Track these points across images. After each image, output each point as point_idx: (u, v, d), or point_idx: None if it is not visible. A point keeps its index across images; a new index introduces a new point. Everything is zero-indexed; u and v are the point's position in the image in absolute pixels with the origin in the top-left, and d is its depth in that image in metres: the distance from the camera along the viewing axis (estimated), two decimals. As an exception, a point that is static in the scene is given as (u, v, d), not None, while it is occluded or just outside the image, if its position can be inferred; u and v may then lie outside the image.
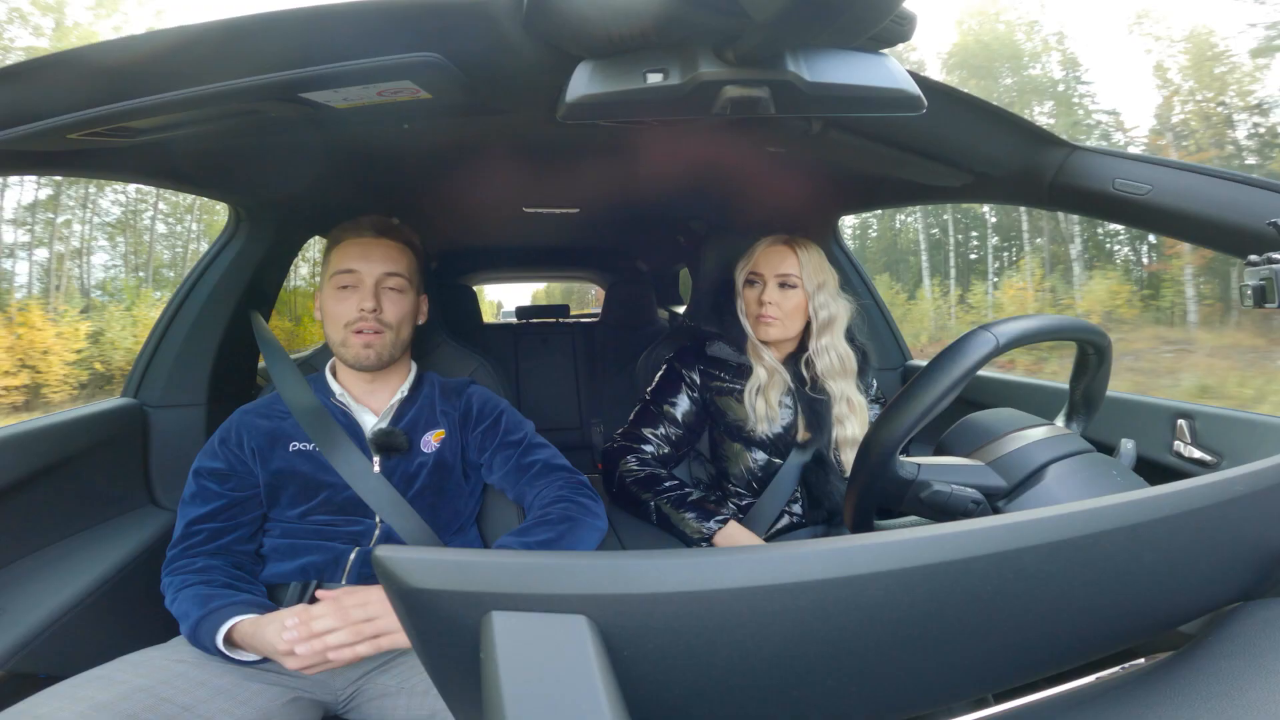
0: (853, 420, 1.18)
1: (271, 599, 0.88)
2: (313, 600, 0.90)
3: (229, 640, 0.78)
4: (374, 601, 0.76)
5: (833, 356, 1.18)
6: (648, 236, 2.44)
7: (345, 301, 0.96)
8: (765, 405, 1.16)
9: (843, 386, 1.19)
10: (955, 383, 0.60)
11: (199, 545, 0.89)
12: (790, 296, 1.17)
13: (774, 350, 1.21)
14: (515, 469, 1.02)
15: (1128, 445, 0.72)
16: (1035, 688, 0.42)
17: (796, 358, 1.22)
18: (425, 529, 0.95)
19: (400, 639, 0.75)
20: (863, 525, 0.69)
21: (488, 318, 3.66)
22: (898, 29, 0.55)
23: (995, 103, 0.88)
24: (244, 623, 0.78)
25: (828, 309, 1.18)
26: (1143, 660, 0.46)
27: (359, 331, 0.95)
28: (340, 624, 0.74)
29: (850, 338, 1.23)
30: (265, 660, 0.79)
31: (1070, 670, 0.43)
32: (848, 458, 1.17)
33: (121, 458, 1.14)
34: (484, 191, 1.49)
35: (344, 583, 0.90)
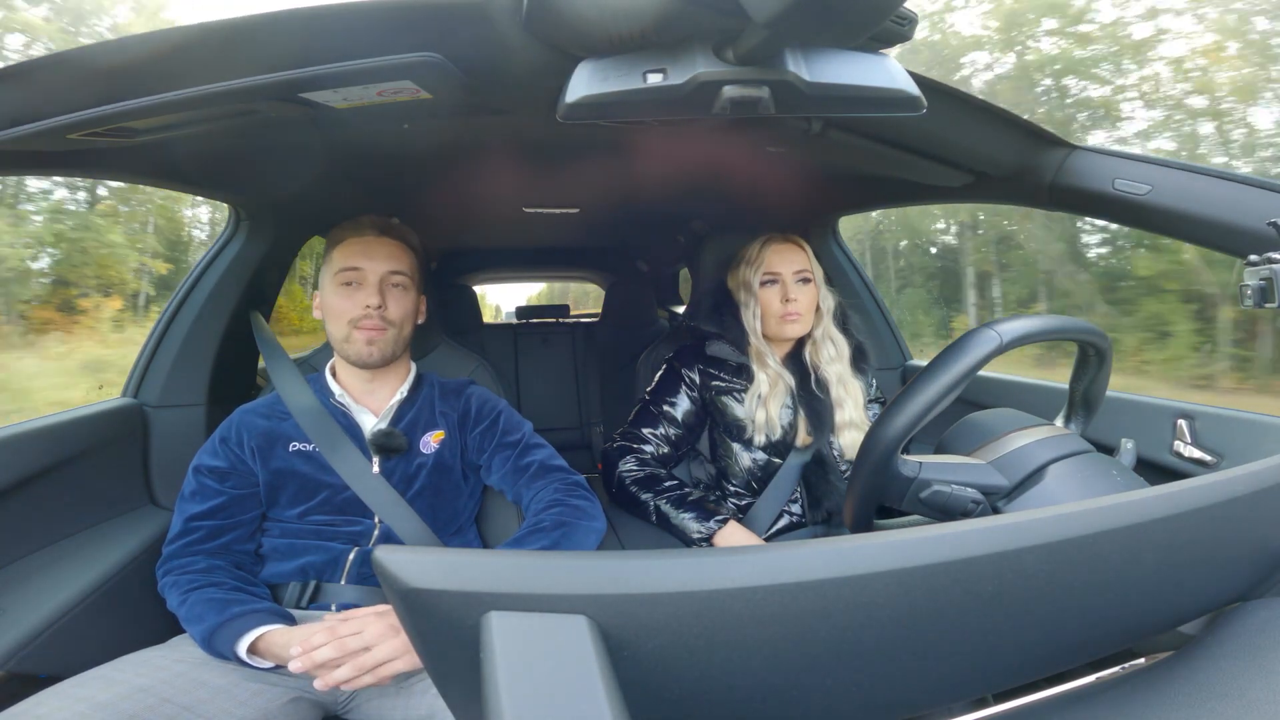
0: (849, 402, 1.19)
1: (272, 599, 0.88)
2: (314, 598, 0.90)
3: (250, 647, 0.79)
4: (369, 629, 0.75)
5: (830, 344, 1.22)
6: (648, 236, 2.44)
7: (350, 298, 0.96)
8: (765, 416, 1.16)
9: (839, 370, 1.22)
10: (958, 380, 0.60)
11: (198, 543, 0.89)
12: (807, 291, 1.19)
13: (776, 350, 1.21)
14: (513, 470, 1.02)
15: (1128, 445, 0.72)
16: (1035, 688, 0.42)
17: (796, 355, 1.22)
18: (424, 529, 0.95)
19: (401, 664, 0.75)
20: (863, 523, 0.69)
21: (488, 320, 3.66)
22: (898, 29, 0.55)
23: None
24: (273, 633, 0.79)
25: (828, 298, 1.23)
26: (1143, 660, 0.46)
27: (361, 328, 0.96)
28: (338, 654, 0.73)
29: (842, 326, 1.25)
30: (279, 666, 0.80)
31: (1070, 670, 0.43)
32: (846, 440, 1.18)
33: (121, 458, 1.14)
34: (484, 191, 1.49)
35: (343, 582, 0.90)
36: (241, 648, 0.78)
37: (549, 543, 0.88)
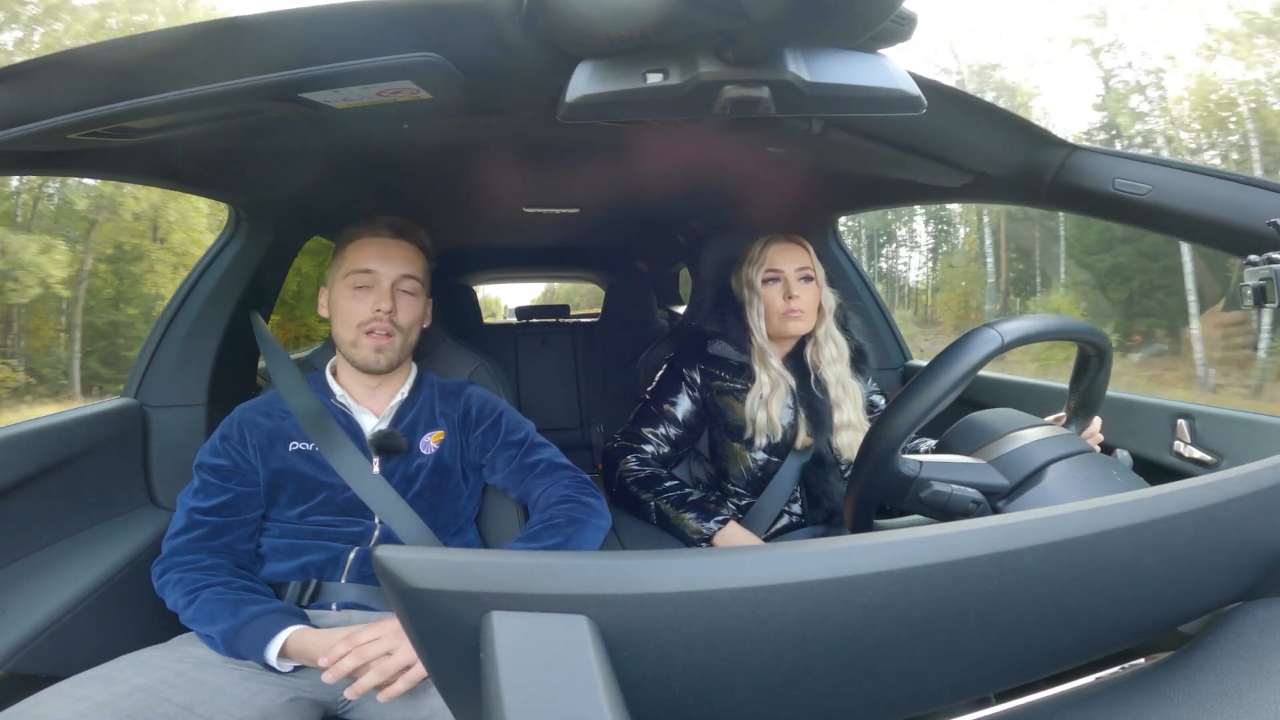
0: (848, 403, 1.19)
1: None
2: (314, 597, 0.90)
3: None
4: (386, 636, 0.76)
5: (831, 344, 1.22)
6: (648, 236, 2.44)
7: (361, 301, 0.96)
8: (766, 417, 1.16)
9: (839, 371, 1.22)
10: (959, 379, 0.60)
11: (201, 540, 0.89)
12: (810, 289, 1.19)
13: (778, 349, 1.21)
14: (519, 469, 1.02)
15: (1122, 454, 0.72)
16: (1035, 688, 0.42)
17: (797, 354, 1.22)
18: (425, 529, 0.95)
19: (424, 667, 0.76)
20: (863, 521, 0.69)
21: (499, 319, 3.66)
22: (898, 29, 0.55)
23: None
24: (298, 634, 0.79)
25: (830, 298, 1.23)
26: (1143, 660, 0.46)
27: (371, 333, 0.95)
28: (360, 662, 0.74)
29: (842, 327, 1.25)
30: (301, 667, 0.81)
31: (1070, 670, 0.43)
32: (843, 441, 1.18)
33: (122, 458, 1.14)
34: (484, 191, 1.49)
35: (343, 581, 0.90)
36: (272, 652, 0.78)
37: (561, 539, 0.89)
